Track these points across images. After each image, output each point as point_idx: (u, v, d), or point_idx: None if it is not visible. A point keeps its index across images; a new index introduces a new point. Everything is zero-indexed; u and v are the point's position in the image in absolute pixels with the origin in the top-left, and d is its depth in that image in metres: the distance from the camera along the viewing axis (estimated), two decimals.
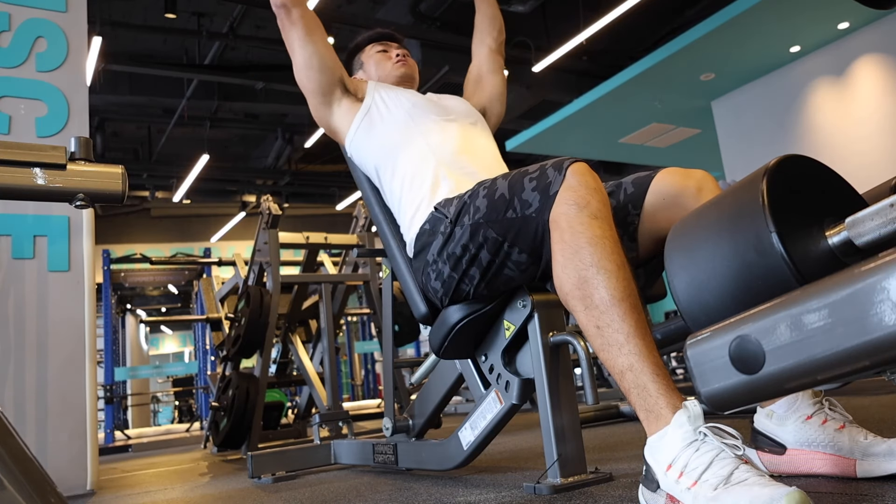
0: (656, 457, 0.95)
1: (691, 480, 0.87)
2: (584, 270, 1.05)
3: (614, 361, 1.00)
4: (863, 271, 0.43)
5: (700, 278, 0.64)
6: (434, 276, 1.40)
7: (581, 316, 1.06)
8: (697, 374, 0.53)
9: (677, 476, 0.89)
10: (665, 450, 0.93)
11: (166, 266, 8.82)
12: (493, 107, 1.84)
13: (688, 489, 0.87)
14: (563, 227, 1.09)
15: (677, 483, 0.89)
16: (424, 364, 1.87)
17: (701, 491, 0.85)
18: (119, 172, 1.72)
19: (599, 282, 1.03)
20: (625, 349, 0.99)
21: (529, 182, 1.21)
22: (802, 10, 5.08)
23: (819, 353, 0.45)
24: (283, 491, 1.79)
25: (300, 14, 1.60)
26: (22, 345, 2.34)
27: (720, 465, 0.86)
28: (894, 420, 1.70)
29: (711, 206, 0.67)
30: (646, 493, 0.98)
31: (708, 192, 1.24)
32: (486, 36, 1.88)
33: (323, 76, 1.63)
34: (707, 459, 0.87)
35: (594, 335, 1.04)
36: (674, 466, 0.91)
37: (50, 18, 2.60)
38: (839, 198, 0.66)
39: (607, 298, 1.02)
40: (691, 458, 0.89)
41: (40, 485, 0.57)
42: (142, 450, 4.90)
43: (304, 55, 1.62)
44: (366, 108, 1.64)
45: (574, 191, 1.11)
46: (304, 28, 1.60)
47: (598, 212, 1.09)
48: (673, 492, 0.90)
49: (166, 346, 18.71)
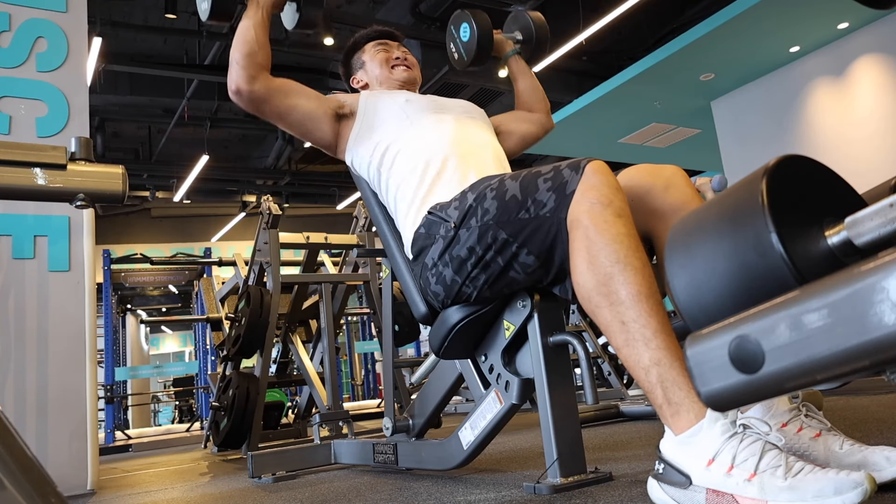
0: (690, 452, 0.92)
1: (748, 472, 0.86)
2: (610, 267, 1.04)
3: (640, 357, 0.99)
4: (862, 271, 0.43)
5: (700, 278, 0.64)
6: (434, 280, 1.39)
7: (605, 312, 1.05)
8: (697, 374, 0.53)
9: (726, 469, 0.88)
10: (703, 444, 0.91)
11: (166, 266, 8.84)
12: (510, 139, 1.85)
13: (747, 481, 0.85)
14: (587, 224, 1.09)
15: (728, 476, 0.87)
16: (424, 364, 1.87)
17: (768, 482, 0.83)
18: (119, 172, 1.72)
19: (627, 278, 1.03)
20: (652, 344, 0.99)
21: (544, 182, 1.20)
22: (802, 10, 5.08)
23: (818, 352, 0.45)
24: (283, 491, 1.79)
25: (264, 94, 1.52)
26: (22, 345, 2.35)
27: (772, 455, 0.86)
28: (894, 420, 1.70)
29: (711, 206, 0.67)
30: (670, 491, 0.95)
31: (675, 191, 1.21)
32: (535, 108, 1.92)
33: (323, 129, 1.61)
34: (757, 450, 0.87)
35: (618, 331, 1.03)
36: (717, 460, 0.89)
37: (50, 18, 2.61)
38: (839, 198, 0.66)
39: (634, 294, 1.02)
40: (739, 450, 0.87)
41: (40, 485, 0.57)
42: (142, 450, 4.90)
43: (294, 127, 1.59)
44: (359, 121, 1.63)
45: (597, 189, 1.11)
46: (277, 104, 1.54)
47: (621, 210, 1.09)
48: (722, 486, 0.88)
49: (166, 346, 18.72)
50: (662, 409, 0.97)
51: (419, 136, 1.55)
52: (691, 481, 0.92)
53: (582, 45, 7.01)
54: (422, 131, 1.55)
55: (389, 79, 1.78)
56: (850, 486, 0.76)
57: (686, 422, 0.94)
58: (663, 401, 0.97)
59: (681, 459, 0.94)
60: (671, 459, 0.96)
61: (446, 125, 1.58)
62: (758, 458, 0.86)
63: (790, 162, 0.64)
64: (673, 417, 0.96)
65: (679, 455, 0.94)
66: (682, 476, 0.93)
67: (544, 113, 1.93)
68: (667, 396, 0.96)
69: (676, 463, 0.95)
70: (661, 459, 0.98)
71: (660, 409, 0.98)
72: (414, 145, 1.54)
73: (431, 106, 1.63)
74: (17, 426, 0.70)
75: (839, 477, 0.78)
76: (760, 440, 0.88)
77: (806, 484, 0.80)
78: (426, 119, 1.58)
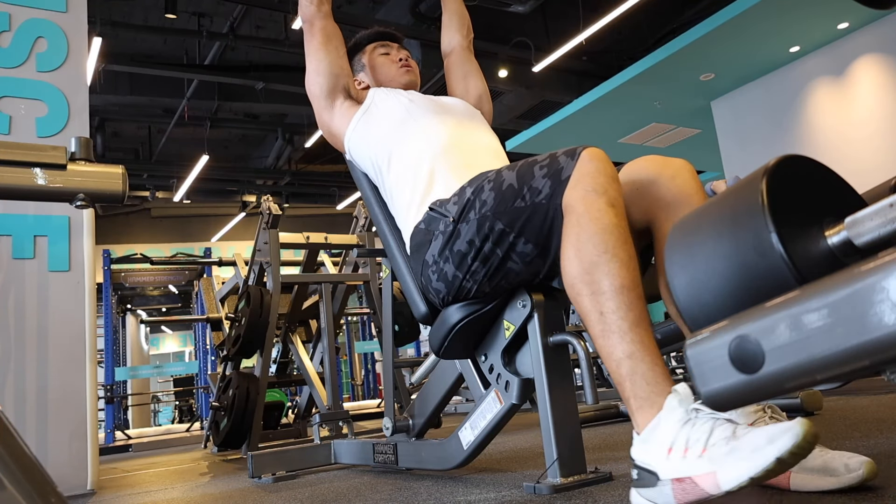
0: (652, 447, 0.94)
1: (700, 449, 0.87)
2: (597, 256, 1.05)
3: (614, 348, 1.01)
4: (862, 271, 0.43)
5: (700, 278, 0.64)
6: (436, 278, 1.39)
7: (585, 300, 1.06)
8: (697, 374, 0.53)
9: (682, 453, 0.89)
10: (661, 435, 0.93)
11: (166, 266, 8.84)
12: (482, 105, 1.85)
13: (698, 457, 0.87)
14: (580, 211, 1.09)
15: (683, 459, 0.88)
16: (424, 364, 1.87)
17: (715, 452, 0.85)
18: (119, 172, 1.72)
19: (611, 269, 1.04)
20: (627, 337, 1.00)
21: (539, 170, 1.21)
22: (802, 10, 5.08)
23: (818, 352, 0.45)
24: (283, 491, 1.79)
25: (321, 27, 1.71)
26: (22, 345, 2.35)
27: (721, 429, 0.87)
28: (894, 420, 1.70)
29: (711, 206, 0.67)
30: (644, 492, 0.96)
31: (682, 181, 1.20)
32: (456, 34, 1.90)
33: (328, 82, 1.68)
34: (707, 428, 0.88)
35: (596, 321, 1.04)
36: (675, 447, 0.90)
37: (50, 18, 2.61)
38: (839, 198, 0.66)
39: (617, 286, 1.03)
40: (691, 433, 0.89)
41: (40, 485, 0.57)
42: (142, 449, 4.90)
43: (315, 61, 1.70)
44: (364, 108, 1.67)
45: (592, 177, 1.11)
46: (323, 38, 1.70)
47: (615, 200, 1.10)
48: (680, 472, 0.89)
49: (166, 345, 18.72)
50: (629, 403, 0.99)
51: (422, 136, 1.55)
52: (658, 477, 0.93)
53: (582, 45, 7.01)
54: (423, 130, 1.56)
55: (391, 80, 1.79)
56: (782, 432, 0.78)
57: (648, 416, 0.96)
58: (630, 394, 0.99)
59: (647, 458, 0.95)
60: (640, 462, 0.97)
61: (448, 124, 1.59)
62: (708, 435, 0.87)
63: (790, 162, 0.64)
64: (638, 412, 0.98)
65: (645, 454, 0.96)
66: (651, 475, 0.94)
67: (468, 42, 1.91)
68: (634, 390, 0.98)
69: (644, 463, 0.96)
70: (634, 465, 0.98)
71: (627, 404, 1.00)
72: (415, 143, 1.55)
73: (433, 106, 1.65)
74: (17, 426, 0.70)
75: (772, 427, 0.80)
76: (711, 419, 0.89)
77: (744, 443, 0.82)
78: (428, 118, 1.59)
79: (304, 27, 1.73)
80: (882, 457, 1.21)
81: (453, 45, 1.90)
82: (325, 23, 1.70)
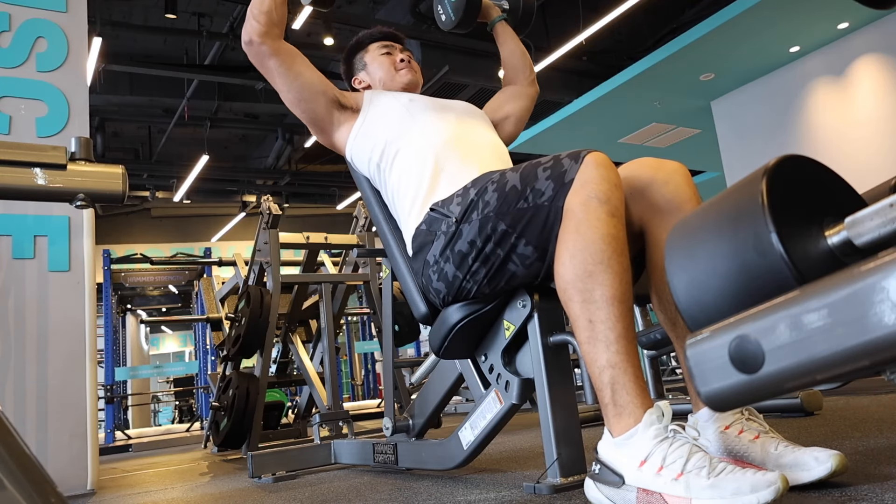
0: (624, 454, 0.99)
1: (676, 472, 0.92)
2: (593, 266, 1.07)
3: (598, 356, 1.05)
4: (862, 271, 0.43)
5: (700, 278, 0.64)
6: (437, 278, 1.39)
7: (576, 307, 1.08)
8: (697, 374, 0.53)
9: (656, 470, 0.94)
10: (636, 446, 0.98)
11: (166, 266, 8.83)
12: (507, 125, 1.83)
13: (674, 480, 0.92)
14: (580, 217, 1.10)
15: (658, 476, 0.94)
16: (424, 364, 1.87)
17: (693, 481, 0.90)
18: (119, 172, 1.72)
19: (605, 279, 1.06)
20: (613, 347, 1.04)
21: (543, 171, 1.21)
22: (802, 10, 5.08)
23: (818, 352, 0.45)
24: (283, 491, 1.79)
25: (276, 49, 1.52)
26: (22, 345, 2.35)
27: (698, 457, 0.92)
28: (894, 420, 1.70)
29: (711, 206, 0.67)
30: (605, 490, 1.01)
31: (675, 187, 1.21)
32: (520, 73, 1.90)
33: (318, 105, 1.59)
34: (684, 452, 0.93)
35: (584, 327, 1.07)
36: (649, 461, 0.95)
37: (50, 18, 2.61)
38: (839, 198, 0.66)
39: (608, 297, 1.05)
40: (668, 452, 0.94)
41: (40, 485, 0.57)
42: (142, 450, 4.90)
43: (290, 90, 1.56)
44: (363, 116, 1.63)
45: (596, 184, 1.11)
46: (286, 60, 1.53)
47: (616, 210, 1.10)
48: (651, 485, 0.94)
49: (166, 345, 18.72)
50: (607, 409, 1.04)
51: (422, 134, 1.54)
52: (624, 481, 0.98)
53: (582, 45, 7.01)
54: (424, 130, 1.55)
55: (392, 81, 1.78)
56: (764, 484, 0.85)
57: (625, 425, 1.01)
58: (610, 401, 1.03)
59: (616, 460, 1.00)
60: (607, 460, 1.02)
61: (449, 124, 1.57)
62: (685, 460, 0.93)
63: (790, 162, 0.64)
64: (615, 419, 1.02)
65: (615, 456, 1.01)
66: (617, 476, 0.99)
67: (529, 81, 1.91)
68: (614, 398, 1.02)
69: (611, 463, 1.01)
70: (598, 460, 1.04)
71: (604, 409, 1.04)
72: (416, 143, 1.53)
73: (434, 106, 1.63)
74: (17, 426, 0.70)
75: (756, 476, 0.86)
76: (688, 443, 0.95)
77: (726, 483, 0.87)
78: (429, 118, 1.58)
79: (250, 56, 1.53)
80: (882, 457, 1.21)
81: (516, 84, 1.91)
82: (278, 44, 1.52)
